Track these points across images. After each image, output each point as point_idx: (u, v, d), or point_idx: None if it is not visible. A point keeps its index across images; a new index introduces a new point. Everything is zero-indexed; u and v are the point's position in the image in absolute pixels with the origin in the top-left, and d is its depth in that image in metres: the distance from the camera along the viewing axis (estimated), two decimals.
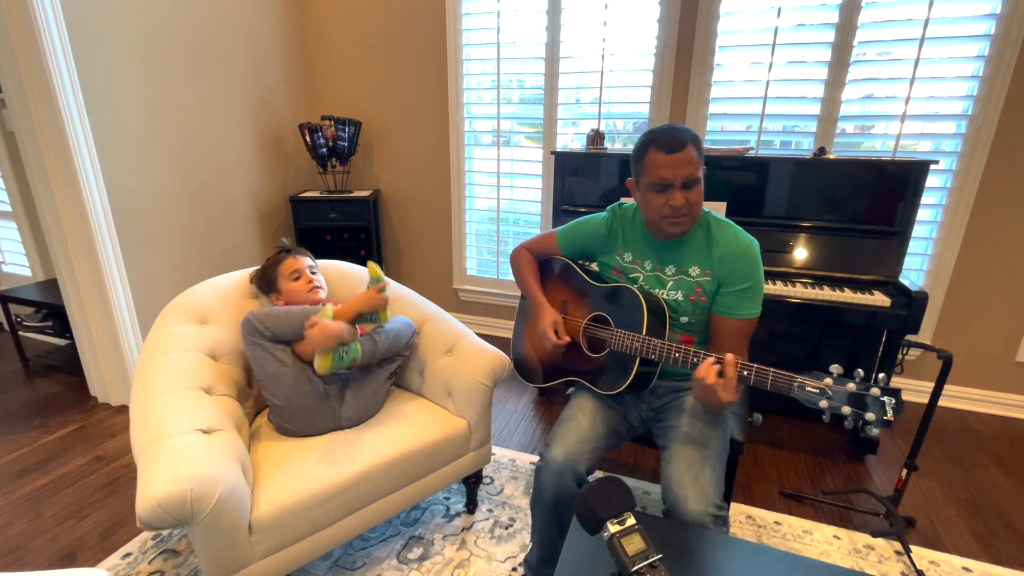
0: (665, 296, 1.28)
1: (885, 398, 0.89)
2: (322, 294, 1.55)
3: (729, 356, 1.05)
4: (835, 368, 0.95)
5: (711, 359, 1.06)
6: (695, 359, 1.11)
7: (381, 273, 1.44)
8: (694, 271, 1.25)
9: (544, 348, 1.47)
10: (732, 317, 1.23)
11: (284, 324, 1.37)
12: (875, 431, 0.90)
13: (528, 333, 1.56)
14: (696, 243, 1.25)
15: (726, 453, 1.25)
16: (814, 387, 0.95)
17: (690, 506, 1.09)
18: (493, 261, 3.06)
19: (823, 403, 0.94)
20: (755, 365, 1.02)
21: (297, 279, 1.51)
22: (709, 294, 1.25)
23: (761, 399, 2.19)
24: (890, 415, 0.88)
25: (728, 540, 1.02)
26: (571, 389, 1.50)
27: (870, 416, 0.89)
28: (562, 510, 1.21)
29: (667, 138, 1.13)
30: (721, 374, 1.04)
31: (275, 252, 1.58)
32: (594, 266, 1.45)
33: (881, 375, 0.92)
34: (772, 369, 1.01)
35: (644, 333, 1.20)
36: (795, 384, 0.97)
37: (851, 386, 0.91)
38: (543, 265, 1.54)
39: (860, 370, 0.91)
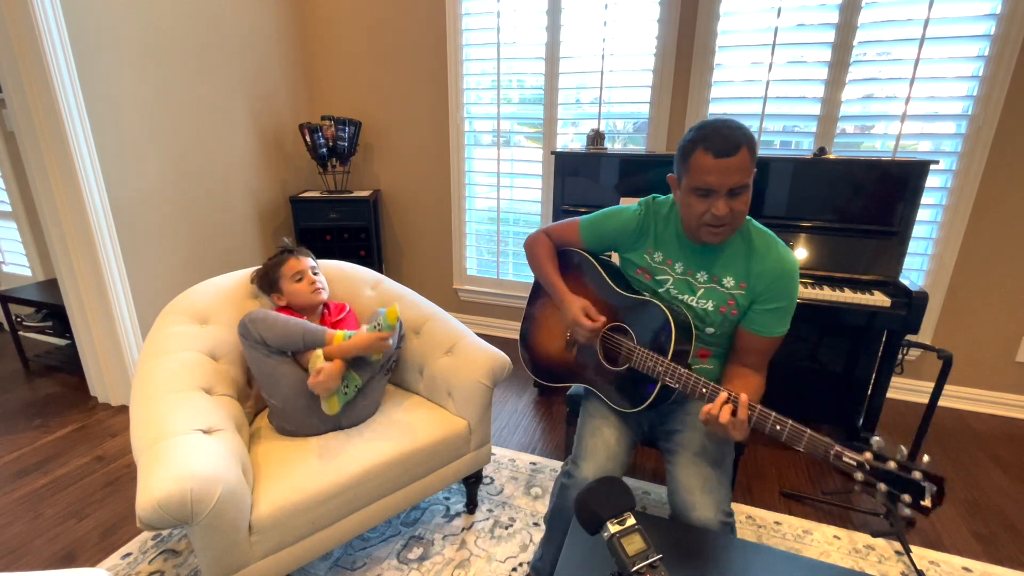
0: (694, 303, 1.20)
1: (927, 484, 0.83)
2: (324, 295, 1.54)
3: (743, 397, 1.01)
4: (876, 441, 0.90)
5: (723, 395, 1.02)
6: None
7: (397, 322, 1.41)
8: (728, 282, 1.17)
9: (560, 347, 1.43)
10: (761, 335, 1.17)
11: (276, 333, 1.34)
12: (907, 511, 0.85)
13: (542, 325, 1.49)
14: (733, 252, 1.17)
15: (731, 459, 1.23)
16: (851, 459, 0.90)
17: (700, 513, 1.08)
18: (493, 261, 3.06)
19: (858, 475, 0.90)
20: (790, 421, 0.97)
21: (300, 280, 1.51)
22: (741, 308, 1.17)
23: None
24: (928, 502, 0.82)
25: (728, 540, 1.02)
26: (573, 389, 1.49)
27: (906, 498, 0.84)
28: None
29: (718, 139, 1.01)
30: (734, 413, 1.00)
31: (277, 252, 1.58)
32: (614, 257, 1.37)
33: (926, 458, 0.86)
34: (808, 430, 0.95)
35: (670, 358, 1.13)
36: (832, 452, 0.92)
37: (891, 465, 0.86)
38: (561, 258, 1.43)
39: (903, 447, 0.87)
